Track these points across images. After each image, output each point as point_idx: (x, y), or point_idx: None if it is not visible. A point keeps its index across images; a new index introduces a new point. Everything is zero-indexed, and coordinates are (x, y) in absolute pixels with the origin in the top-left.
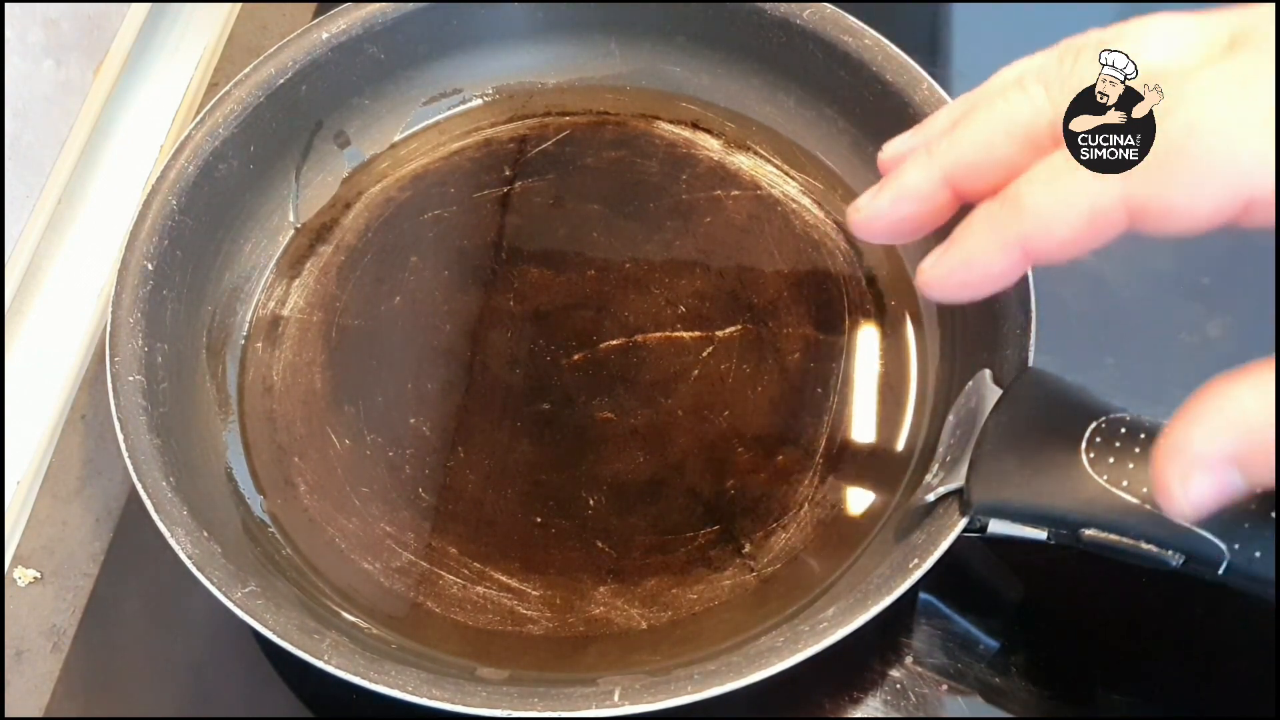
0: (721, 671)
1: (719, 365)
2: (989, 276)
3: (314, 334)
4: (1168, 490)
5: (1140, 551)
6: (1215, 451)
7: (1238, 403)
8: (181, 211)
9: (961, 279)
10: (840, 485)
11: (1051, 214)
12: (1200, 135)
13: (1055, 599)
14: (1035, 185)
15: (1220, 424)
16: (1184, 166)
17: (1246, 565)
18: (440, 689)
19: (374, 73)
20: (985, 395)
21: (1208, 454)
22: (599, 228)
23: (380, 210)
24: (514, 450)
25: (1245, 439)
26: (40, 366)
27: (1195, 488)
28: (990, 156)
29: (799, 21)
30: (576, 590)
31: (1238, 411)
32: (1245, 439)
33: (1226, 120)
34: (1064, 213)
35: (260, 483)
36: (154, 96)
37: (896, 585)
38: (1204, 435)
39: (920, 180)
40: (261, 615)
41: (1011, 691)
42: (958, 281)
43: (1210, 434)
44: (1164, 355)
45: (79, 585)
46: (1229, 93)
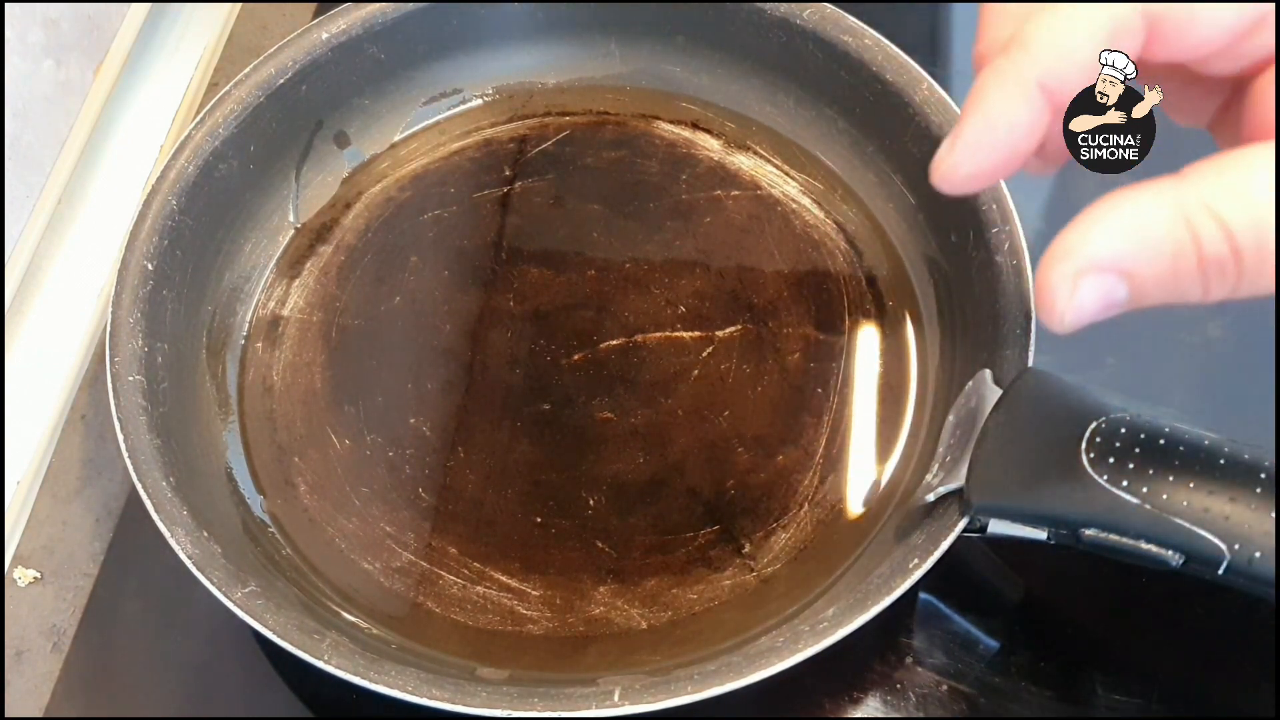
0: (721, 671)
1: (719, 365)
2: (1014, 136)
3: (314, 334)
4: (1051, 293)
5: (1140, 551)
6: (1109, 256)
7: (1140, 208)
8: (181, 211)
9: (987, 149)
10: (840, 485)
11: (1066, 41)
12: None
13: (1055, 599)
14: (1044, 19)
15: (1118, 228)
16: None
17: (1246, 565)
18: (440, 689)
19: (374, 73)
20: (985, 395)
21: (1101, 257)
22: (599, 228)
23: (380, 210)
24: (514, 450)
25: (1140, 246)
26: (40, 366)
27: (1082, 293)
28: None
29: (799, 21)
30: (576, 590)
31: (1138, 217)
32: (1140, 246)
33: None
34: (1079, 36)
35: (260, 483)
36: (154, 96)
37: (896, 585)
38: (1101, 237)
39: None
40: (261, 615)
41: (1011, 691)
42: (983, 154)
43: (1107, 236)
44: (1164, 355)
45: (79, 585)
46: None
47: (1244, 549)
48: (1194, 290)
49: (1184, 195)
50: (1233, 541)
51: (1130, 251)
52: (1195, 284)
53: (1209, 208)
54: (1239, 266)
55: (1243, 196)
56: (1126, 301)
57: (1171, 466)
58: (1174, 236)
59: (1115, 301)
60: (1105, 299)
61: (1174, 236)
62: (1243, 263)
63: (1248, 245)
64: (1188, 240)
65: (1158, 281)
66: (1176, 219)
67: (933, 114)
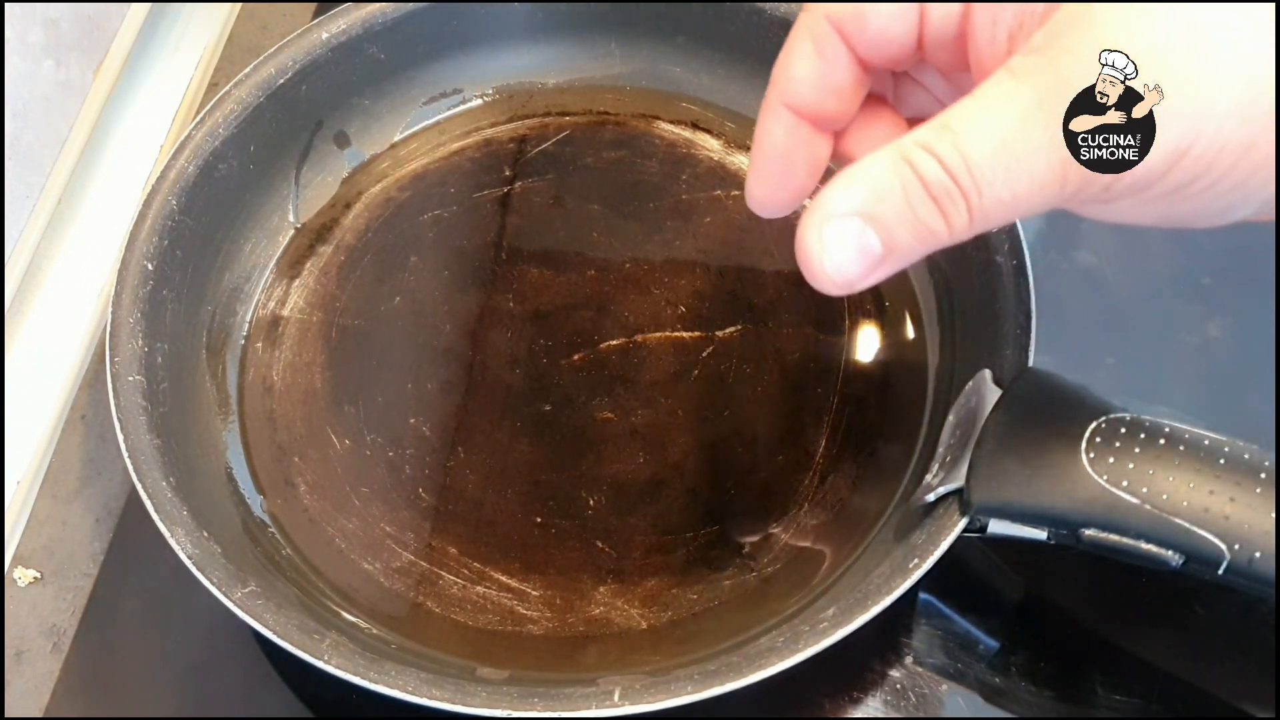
0: (721, 671)
1: (719, 365)
2: (782, 155)
3: (314, 334)
4: (806, 250)
5: (1140, 551)
6: (846, 203)
7: (866, 161)
8: (181, 211)
9: (766, 174)
10: (840, 485)
11: (784, 62)
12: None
13: (1055, 599)
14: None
15: (850, 179)
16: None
17: (1246, 565)
18: (440, 689)
19: (374, 73)
20: (985, 395)
21: (839, 206)
22: (599, 228)
23: (380, 210)
24: (514, 450)
25: (871, 189)
26: (40, 366)
27: (830, 242)
28: (808, 70)
29: None
30: (576, 590)
31: (866, 168)
32: (871, 189)
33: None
34: (790, 54)
35: (260, 483)
36: (154, 96)
37: (896, 585)
38: (837, 191)
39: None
40: (261, 615)
41: (1011, 691)
42: (766, 178)
43: (842, 188)
44: (1164, 355)
45: (79, 585)
46: None
47: (1244, 549)
48: (938, 223)
49: (900, 143)
50: (1233, 541)
51: (864, 195)
52: (935, 216)
53: (922, 144)
54: (960, 188)
55: (943, 129)
56: (882, 249)
57: (1171, 466)
58: (897, 171)
59: (869, 248)
60: (858, 245)
61: (897, 171)
62: (960, 183)
63: (957, 167)
64: (909, 172)
65: (899, 219)
66: (894, 159)
67: None
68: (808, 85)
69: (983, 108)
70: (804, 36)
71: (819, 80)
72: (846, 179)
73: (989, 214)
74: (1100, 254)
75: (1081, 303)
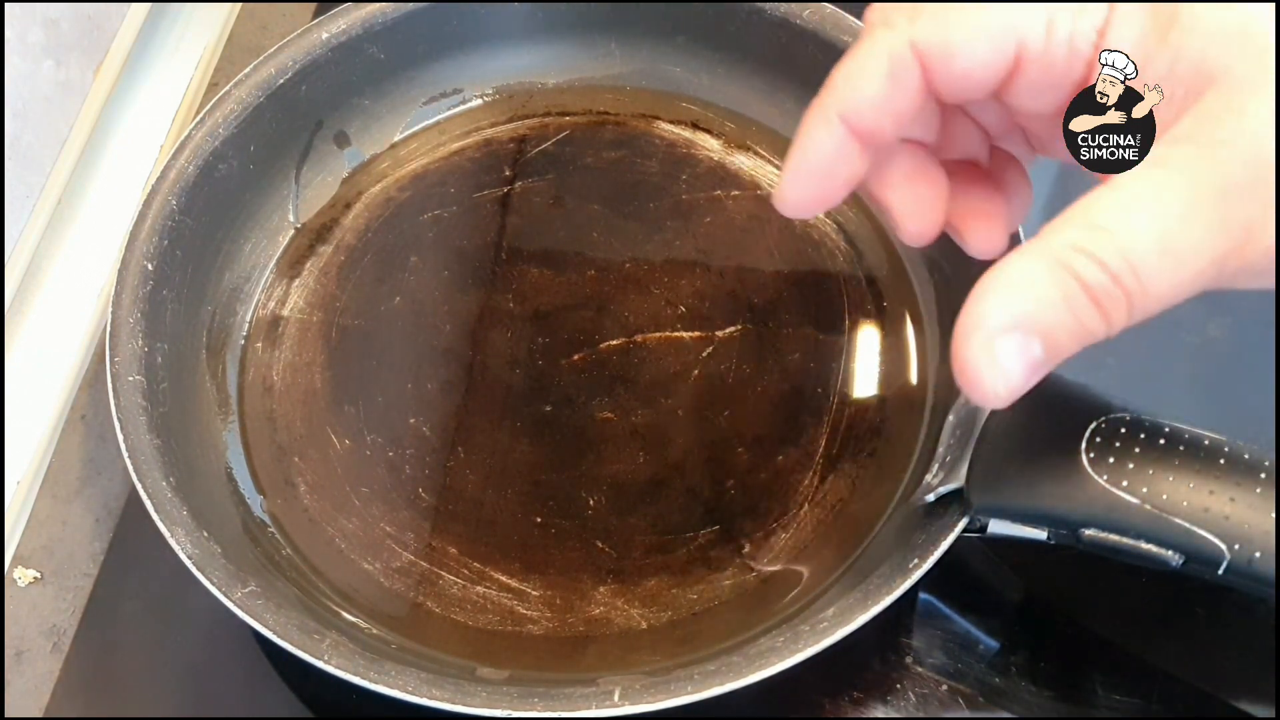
0: (721, 671)
1: (719, 365)
2: (826, 164)
3: (314, 334)
4: (975, 368)
5: (1140, 551)
6: (1011, 316)
7: (1018, 269)
8: (181, 211)
9: (805, 178)
10: (840, 485)
11: (851, 74)
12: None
13: (1055, 599)
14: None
15: (1008, 291)
16: (960, 8)
17: (1246, 566)
18: (440, 689)
19: (374, 73)
20: None
21: (1004, 320)
22: (599, 228)
23: (380, 210)
24: (514, 450)
25: (1034, 298)
26: (40, 366)
27: (1002, 357)
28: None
29: (799, 21)
30: (576, 590)
31: (1021, 276)
32: (1034, 298)
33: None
34: (861, 70)
35: (260, 483)
36: (154, 96)
37: (896, 585)
38: (997, 303)
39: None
40: (261, 615)
41: (1011, 691)
42: (804, 182)
43: (1002, 301)
44: (1164, 355)
45: (79, 585)
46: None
47: (1244, 549)
48: (1097, 323)
49: (1049, 245)
50: (1233, 541)
51: (1027, 306)
52: (1095, 317)
53: (1075, 247)
54: (1124, 290)
55: (1098, 229)
56: (1044, 356)
57: (1171, 466)
58: (1057, 280)
59: (1035, 358)
60: (1025, 358)
61: (1057, 280)
62: (1124, 286)
63: (1121, 270)
64: (1070, 280)
65: (1062, 325)
66: (1052, 265)
67: None
68: (872, 106)
69: (1137, 204)
70: (880, 54)
71: (885, 103)
72: (1002, 290)
73: (1148, 309)
74: None
75: None
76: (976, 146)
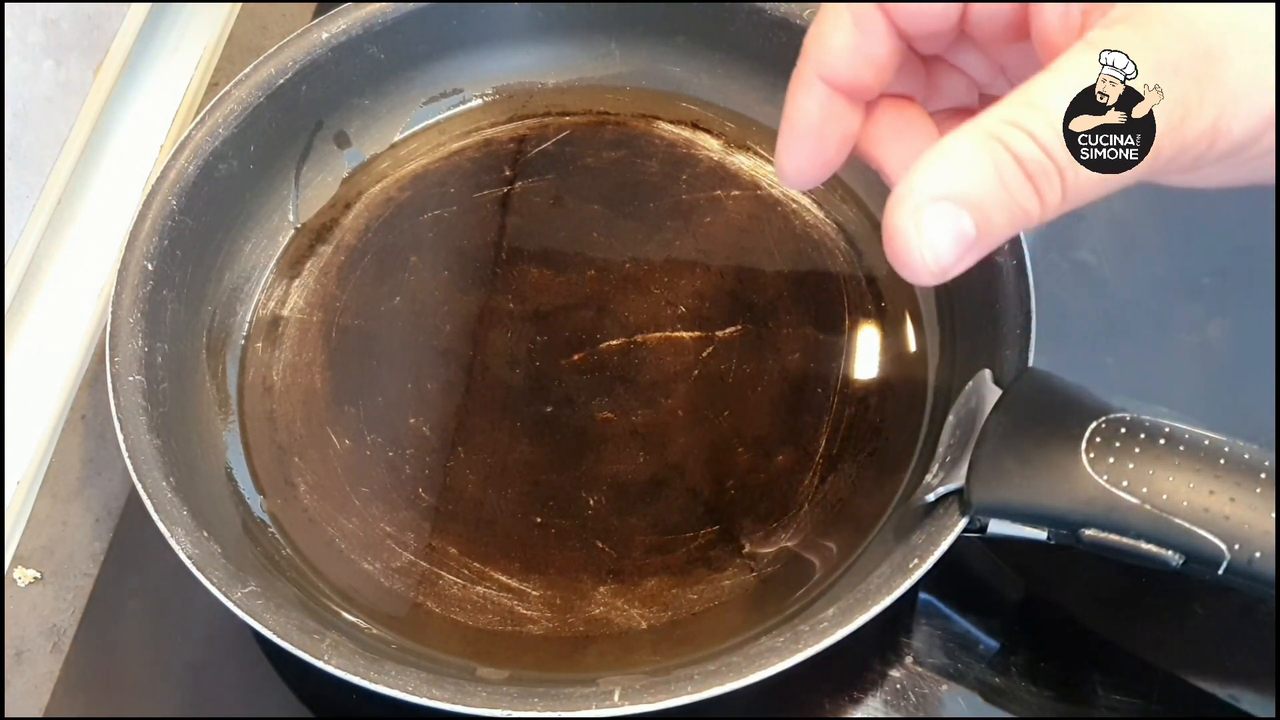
0: (721, 672)
1: (719, 365)
2: (813, 126)
3: (314, 334)
4: (902, 237)
5: (1140, 551)
6: (941, 187)
7: (953, 143)
8: (181, 211)
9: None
10: (840, 485)
11: (819, 33)
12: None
13: (1055, 599)
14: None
15: (941, 163)
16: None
17: (1246, 566)
18: (440, 689)
19: (374, 73)
20: (985, 395)
21: (934, 190)
22: (599, 228)
23: (380, 210)
24: (514, 450)
25: (965, 170)
26: (40, 366)
27: (928, 227)
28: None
29: (799, 21)
30: (576, 590)
31: (955, 149)
32: (965, 170)
33: None
34: (828, 26)
35: (260, 483)
36: (154, 96)
37: (896, 585)
38: (928, 174)
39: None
40: (261, 615)
41: (1011, 691)
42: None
43: (933, 172)
44: (1164, 355)
45: (79, 585)
46: None
47: (1244, 549)
48: (1031, 200)
49: (985, 121)
50: (1233, 541)
51: (958, 176)
52: (1029, 193)
53: (1008, 121)
54: (1056, 163)
55: (1031, 106)
56: (976, 233)
57: (1172, 466)
58: (990, 151)
59: (964, 233)
60: (954, 231)
61: (990, 151)
62: (1056, 159)
63: (1051, 142)
64: (1002, 151)
65: (994, 200)
66: (985, 139)
67: None
68: (844, 57)
69: (1069, 80)
70: (840, 9)
71: (856, 52)
72: (934, 162)
73: (1082, 190)
74: (1100, 254)
75: (1082, 303)
76: (965, 94)
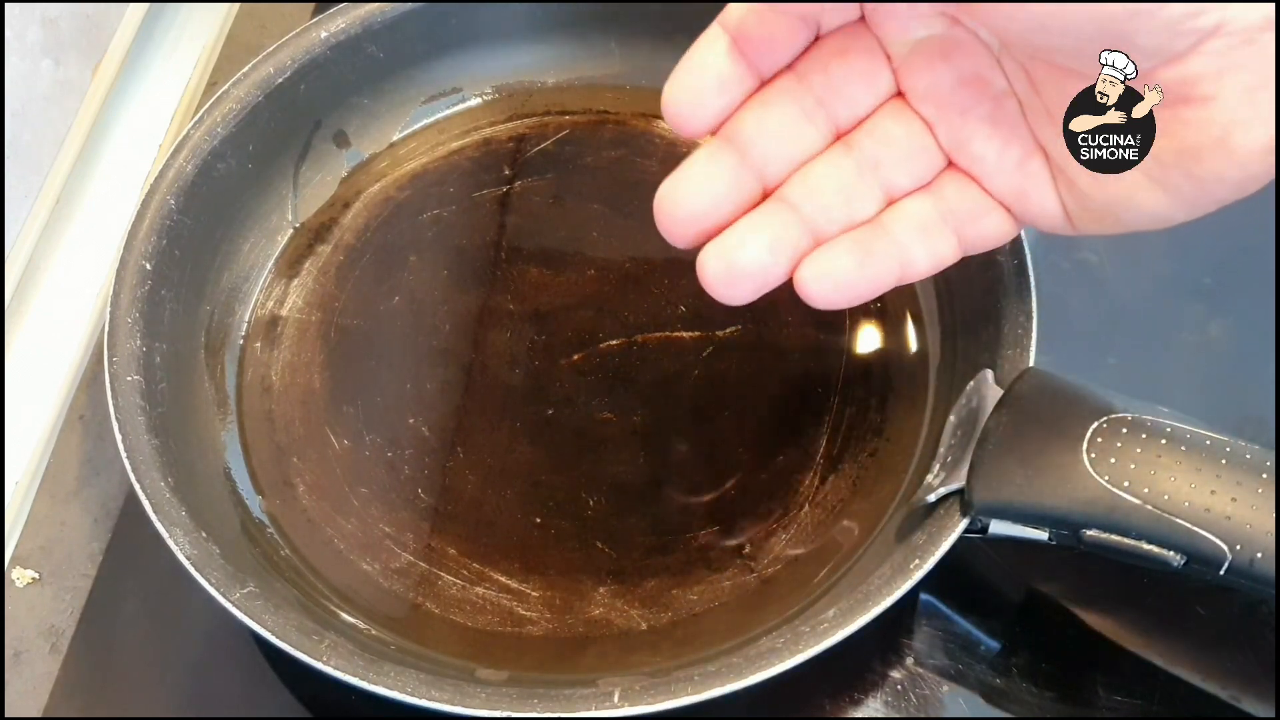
0: (722, 672)
1: (719, 365)
2: (707, 73)
3: (313, 334)
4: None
5: (1142, 552)
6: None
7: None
8: (180, 211)
9: (685, 82)
10: (840, 485)
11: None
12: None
13: (1056, 599)
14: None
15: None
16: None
17: (1248, 566)
18: (439, 690)
19: (373, 72)
20: (986, 395)
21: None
22: (599, 227)
23: (379, 210)
24: (514, 451)
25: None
26: (39, 366)
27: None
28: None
29: None
30: (576, 591)
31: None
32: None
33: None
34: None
35: (259, 483)
36: (153, 96)
37: (897, 586)
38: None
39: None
40: (260, 616)
41: (1012, 692)
42: (679, 84)
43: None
44: (1165, 355)
45: (77, 586)
46: None
47: (1245, 549)
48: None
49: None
50: (1234, 542)
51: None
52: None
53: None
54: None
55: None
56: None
57: (1173, 467)
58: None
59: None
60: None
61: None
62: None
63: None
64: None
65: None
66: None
67: None
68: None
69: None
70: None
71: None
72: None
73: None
74: (1101, 254)
75: (1082, 302)
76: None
